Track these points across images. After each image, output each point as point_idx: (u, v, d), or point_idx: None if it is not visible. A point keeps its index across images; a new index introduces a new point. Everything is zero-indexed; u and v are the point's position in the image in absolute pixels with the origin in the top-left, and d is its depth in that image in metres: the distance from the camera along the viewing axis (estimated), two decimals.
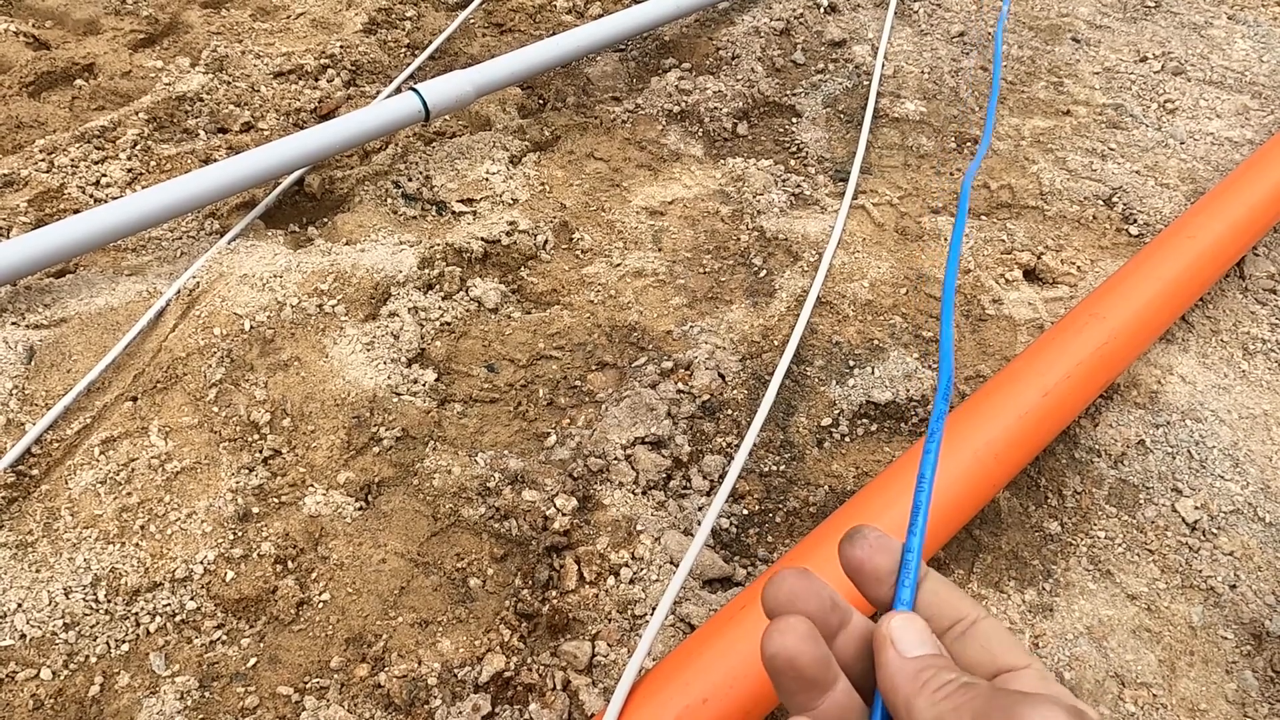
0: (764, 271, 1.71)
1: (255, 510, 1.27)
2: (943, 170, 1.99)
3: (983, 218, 1.87)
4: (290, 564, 1.22)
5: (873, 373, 1.53)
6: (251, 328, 1.45)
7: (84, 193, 1.73)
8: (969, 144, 2.06)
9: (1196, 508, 1.38)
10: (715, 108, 2.09)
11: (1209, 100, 2.25)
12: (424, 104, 1.79)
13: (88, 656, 1.12)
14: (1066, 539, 1.35)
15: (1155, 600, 1.29)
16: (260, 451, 1.33)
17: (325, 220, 1.75)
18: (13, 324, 1.46)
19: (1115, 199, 1.92)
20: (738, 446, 1.42)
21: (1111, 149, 2.07)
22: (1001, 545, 1.34)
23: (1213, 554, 1.34)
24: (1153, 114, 2.20)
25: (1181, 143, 2.10)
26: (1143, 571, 1.32)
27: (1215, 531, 1.36)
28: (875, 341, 1.59)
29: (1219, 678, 1.22)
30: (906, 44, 2.40)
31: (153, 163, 1.83)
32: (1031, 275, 1.76)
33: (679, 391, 1.48)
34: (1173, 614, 1.27)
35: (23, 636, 1.12)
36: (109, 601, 1.16)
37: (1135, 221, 1.87)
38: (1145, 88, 2.29)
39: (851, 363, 1.55)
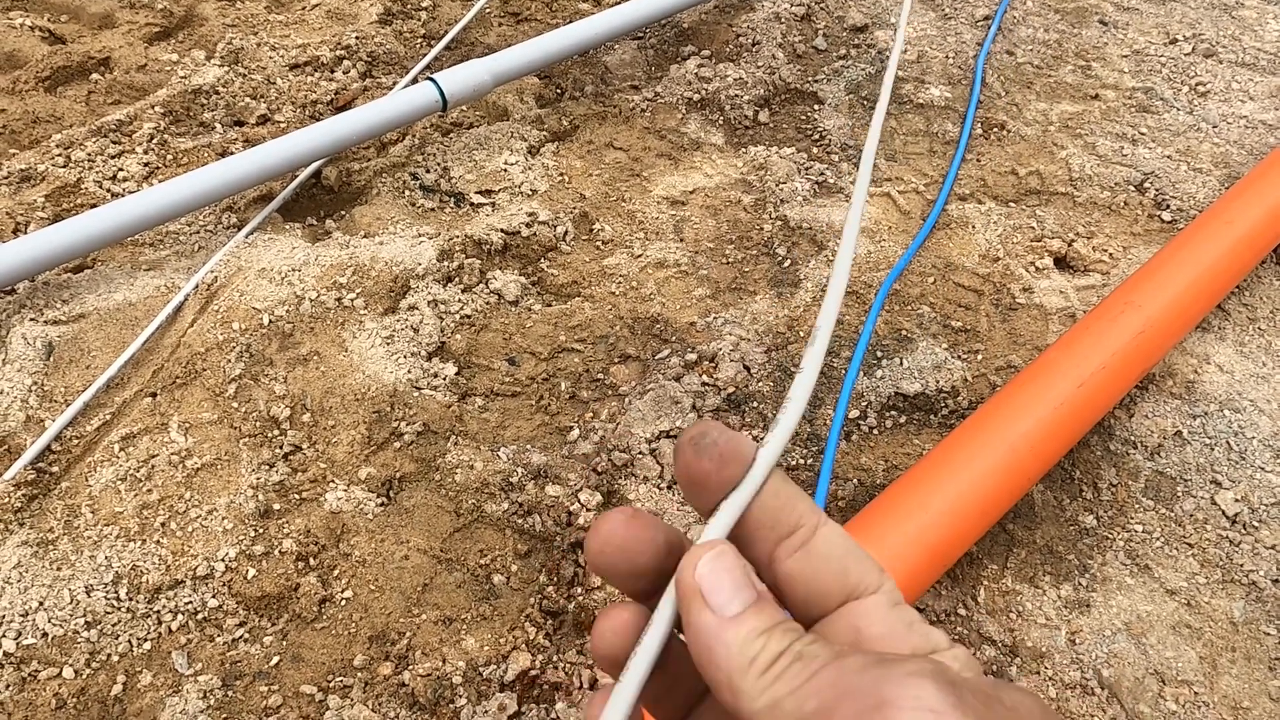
0: (788, 261, 1.68)
1: (276, 507, 1.25)
2: (968, 157, 1.95)
3: (1011, 205, 1.83)
4: (312, 561, 1.21)
5: (901, 364, 1.50)
6: (270, 322, 1.43)
7: (101, 187, 1.72)
8: (995, 129, 2.02)
9: (1236, 500, 1.35)
10: (736, 95, 2.06)
11: (1241, 82, 2.20)
12: (441, 94, 1.77)
13: (110, 655, 1.11)
14: (1103, 533, 1.32)
15: (1195, 595, 1.25)
16: (281, 447, 1.31)
17: (343, 213, 1.73)
18: (31, 320, 1.44)
19: (1147, 184, 1.88)
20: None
21: (1142, 133, 2.03)
22: (1036, 539, 1.30)
23: (1254, 547, 1.30)
24: (1184, 97, 2.15)
25: (1214, 126, 2.05)
26: (1182, 566, 1.28)
27: (1256, 524, 1.32)
28: (903, 332, 1.56)
29: (1262, 675, 1.18)
30: (930, 28, 2.36)
31: (169, 156, 1.81)
32: (1062, 263, 1.72)
33: (703, 384, 1.45)
34: (1213, 609, 1.24)
35: (45, 635, 1.11)
36: (130, 599, 1.15)
37: (1168, 207, 1.83)
38: (1175, 70, 2.23)
39: (879, 354, 1.52)
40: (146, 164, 1.78)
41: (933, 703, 0.29)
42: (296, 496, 1.27)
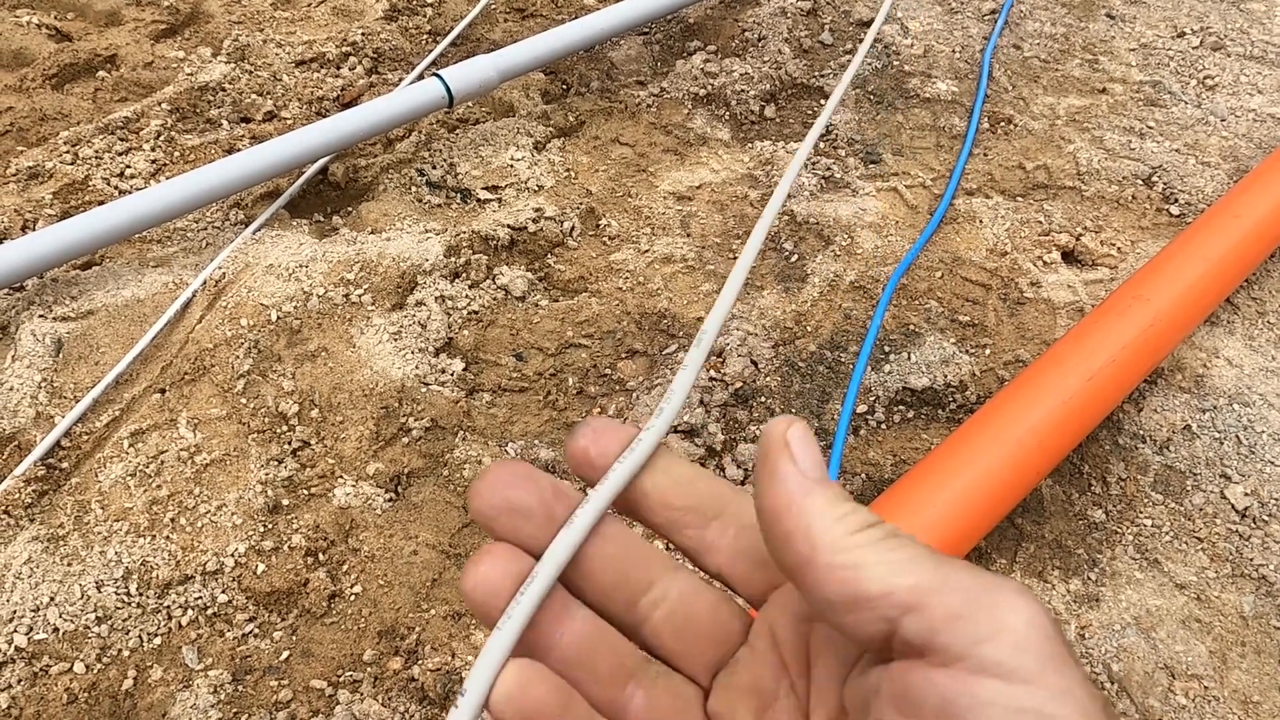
0: (795, 256, 1.68)
1: (285, 502, 1.26)
2: (975, 151, 1.94)
3: (1019, 199, 1.83)
4: (321, 556, 1.21)
5: (909, 358, 1.50)
6: (278, 318, 1.43)
7: (108, 184, 1.72)
8: (1002, 124, 2.01)
9: (1246, 494, 1.34)
10: (742, 90, 2.05)
11: (1250, 76, 2.19)
12: (447, 89, 1.77)
13: (120, 650, 1.11)
14: (1111, 527, 1.31)
15: (1205, 590, 1.25)
16: (289, 443, 1.31)
17: (350, 209, 1.73)
18: (40, 316, 1.45)
19: (1155, 178, 1.87)
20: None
21: (1150, 127, 2.02)
22: (1044, 534, 1.30)
23: (1264, 542, 1.30)
24: (1192, 91, 2.14)
25: (1222, 120, 2.04)
26: (1191, 560, 1.28)
27: (1267, 519, 1.32)
28: (911, 326, 1.56)
29: (1272, 669, 1.18)
30: (937, 22, 2.35)
31: (176, 153, 1.82)
32: (1070, 257, 1.71)
33: (711, 379, 1.45)
34: (1223, 604, 1.24)
35: (56, 630, 1.11)
36: (141, 595, 1.15)
37: (1176, 201, 1.82)
38: (1183, 64, 2.23)
39: (887, 348, 1.52)
40: (154, 161, 1.79)
41: (1041, 620, 0.30)
42: (305, 492, 1.27)
